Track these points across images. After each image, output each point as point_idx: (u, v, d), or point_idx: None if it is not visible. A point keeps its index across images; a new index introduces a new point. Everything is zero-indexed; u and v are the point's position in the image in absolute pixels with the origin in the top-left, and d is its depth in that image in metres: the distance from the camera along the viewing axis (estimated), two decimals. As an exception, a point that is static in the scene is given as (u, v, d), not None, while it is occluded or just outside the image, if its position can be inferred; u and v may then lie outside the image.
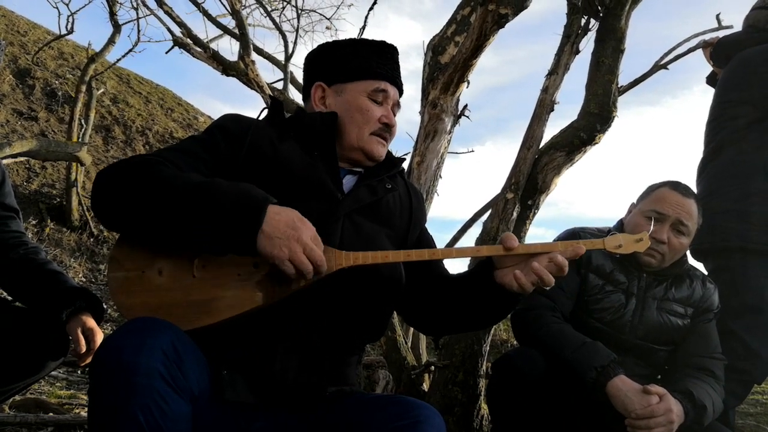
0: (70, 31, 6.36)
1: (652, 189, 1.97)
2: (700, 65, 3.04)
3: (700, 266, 2.46)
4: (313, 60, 1.55)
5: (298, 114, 1.48)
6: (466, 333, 2.61)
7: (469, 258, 2.08)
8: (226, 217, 1.12)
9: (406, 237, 1.51)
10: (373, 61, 1.47)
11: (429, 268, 1.50)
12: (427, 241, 1.58)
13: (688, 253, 2.00)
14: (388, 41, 1.53)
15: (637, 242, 1.36)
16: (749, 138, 2.46)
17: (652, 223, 1.58)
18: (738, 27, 2.87)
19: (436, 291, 1.46)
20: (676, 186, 1.93)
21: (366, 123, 1.44)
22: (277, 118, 1.48)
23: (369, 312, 1.37)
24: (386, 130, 1.47)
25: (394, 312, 1.67)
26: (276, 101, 1.53)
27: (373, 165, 1.48)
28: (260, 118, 1.48)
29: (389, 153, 1.54)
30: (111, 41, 6.28)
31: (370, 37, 1.56)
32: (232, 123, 1.40)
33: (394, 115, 1.51)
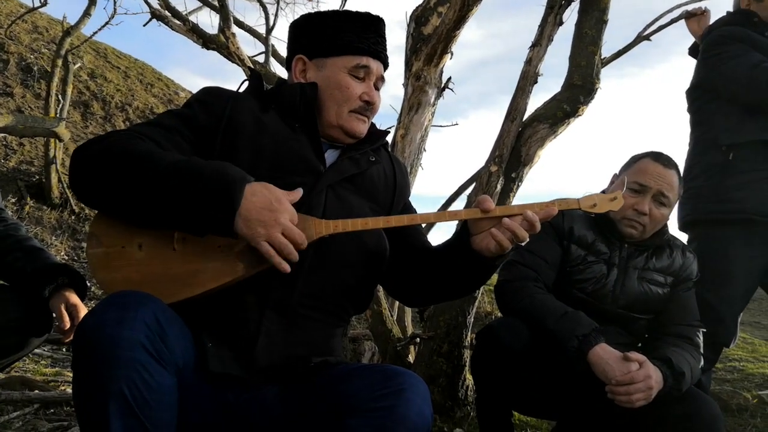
0: (44, 4, 6.20)
1: (635, 160, 1.98)
2: (680, 38, 3.06)
3: (684, 237, 2.54)
4: (295, 31, 1.50)
5: (279, 86, 1.45)
6: (451, 305, 2.64)
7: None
8: (202, 199, 1.12)
9: (390, 210, 1.50)
10: (355, 35, 1.42)
11: (411, 240, 1.49)
12: None
13: (668, 222, 2.03)
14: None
15: (612, 201, 1.36)
16: (704, 118, 2.59)
17: (625, 184, 1.61)
18: None
19: (418, 262, 1.46)
20: (658, 157, 1.94)
21: (345, 101, 1.40)
22: (258, 91, 1.45)
23: (353, 283, 1.38)
24: (367, 107, 1.43)
25: (379, 285, 1.67)
26: (255, 73, 1.50)
27: (354, 142, 1.45)
28: (241, 91, 1.45)
29: (373, 125, 1.52)
30: (86, 14, 6.11)
31: (354, 9, 1.51)
32: (211, 96, 1.37)
33: (378, 90, 1.47)
